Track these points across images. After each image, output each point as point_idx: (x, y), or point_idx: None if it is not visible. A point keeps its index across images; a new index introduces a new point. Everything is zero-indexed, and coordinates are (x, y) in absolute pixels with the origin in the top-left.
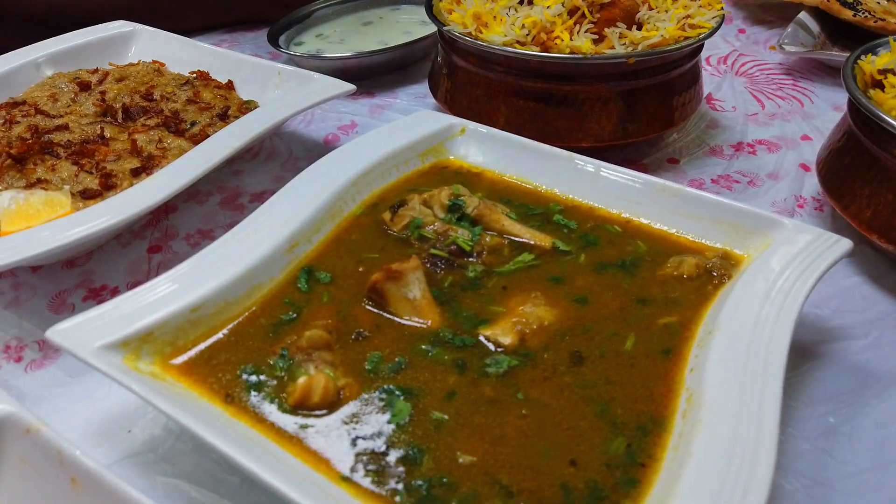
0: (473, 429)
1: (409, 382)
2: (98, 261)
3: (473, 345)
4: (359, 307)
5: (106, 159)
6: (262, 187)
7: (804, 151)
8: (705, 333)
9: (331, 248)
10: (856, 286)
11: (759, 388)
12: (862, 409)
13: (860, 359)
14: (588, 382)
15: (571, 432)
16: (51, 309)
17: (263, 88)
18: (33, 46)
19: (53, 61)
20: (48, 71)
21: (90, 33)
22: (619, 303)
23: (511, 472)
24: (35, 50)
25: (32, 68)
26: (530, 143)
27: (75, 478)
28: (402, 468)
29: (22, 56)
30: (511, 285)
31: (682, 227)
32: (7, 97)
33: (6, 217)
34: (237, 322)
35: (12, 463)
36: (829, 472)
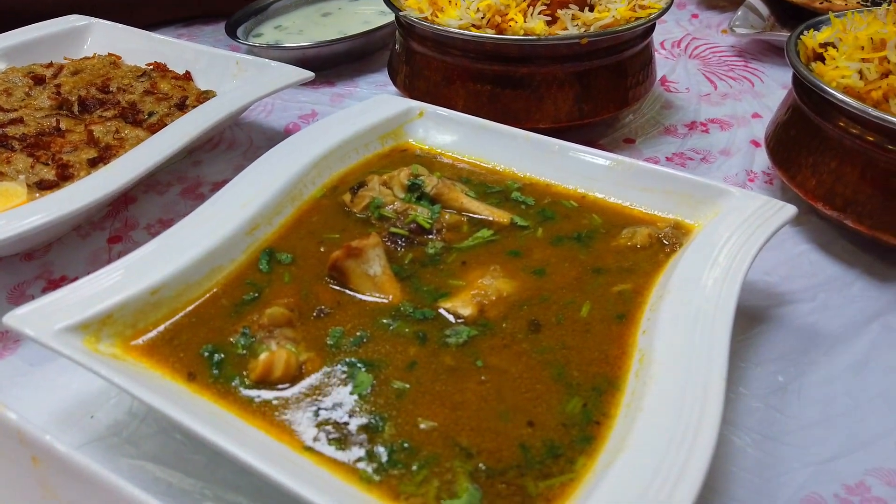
0: (434, 396)
1: (370, 355)
2: (57, 252)
3: (434, 317)
4: (320, 285)
5: (62, 151)
6: (223, 177)
7: (755, 128)
8: (657, 298)
9: (291, 230)
10: (804, 253)
11: (707, 344)
12: (809, 367)
13: (808, 321)
14: (545, 348)
15: (529, 395)
16: (10, 300)
17: (221, 78)
18: None
19: (6, 56)
20: (1, 66)
21: (43, 28)
22: (575, 273)
23: (471, 435)
24: None
25: None
26: (487, 124)
27: (36, 457)
28: (363, 436)
29: None
30: (470, 260)
31: (635, 200)
32: None
33: None
34: (198, 303)
35: None
36: (778, 426)
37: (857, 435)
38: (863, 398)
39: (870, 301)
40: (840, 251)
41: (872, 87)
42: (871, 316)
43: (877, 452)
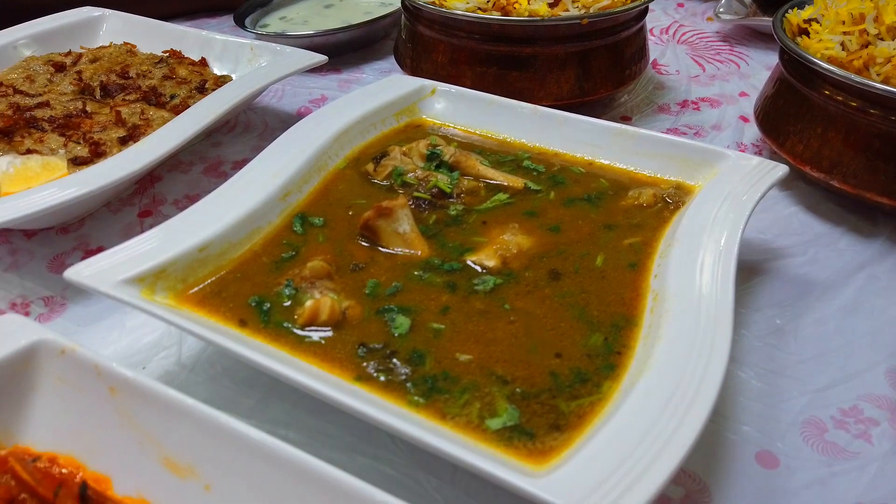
0: (468, 335)
1: (406, 302)
2: (91, 227)
3: (461, 269)
4: (353, 244)
5: (92, 130)
6: (242, 156)
7: (743, 106)
8: (665, 247)
9: (320, 196)
10: (793, 214)
11: (715, 282)
12: (803, 311)
13: (800, 272)
14: (566, 293)
15: (554, 332)
16: (51, 270)
17: (236, 64)
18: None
19: (24, 46)
20: (21, 54)
21: (59, 18)
22: (588, 229)
23: (505, 366)
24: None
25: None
26: (497, 99)
27: (113, 387)
28: (408, 368)
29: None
30: (490, 220)
31: (639, 165)
32: None
33: (6, 180)
34: (241, 261)
35: (49, 382)
36: (778, 362)
37: (848, 367)
38: (853, 336)
39: (856, 254)
40: (826, 211)
41: (854, 56)
42: (858, 266)
43: (867, 381)
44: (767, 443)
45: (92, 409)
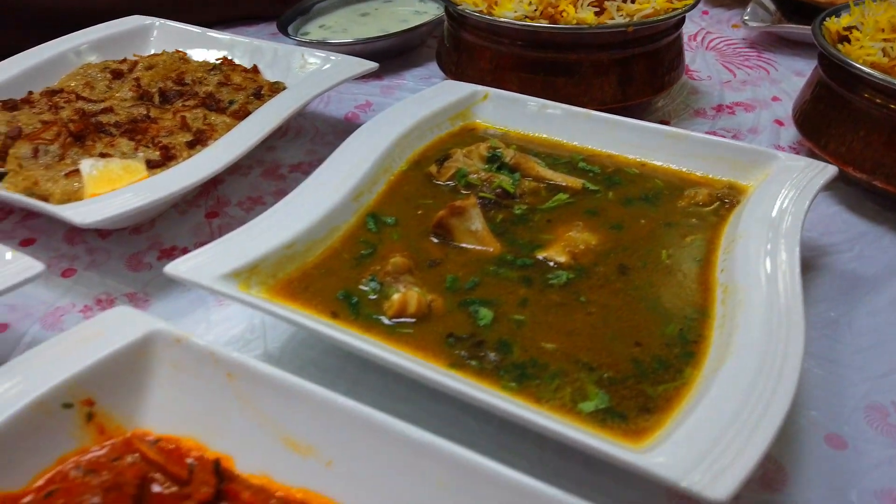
0: (549, 326)
1: (486, 295)
2: (161, 227)
3: (533, 264)
4: (426, 241)
5: (159, 135)
6: (298, 159)
7: (776, 110)
8: (728, 243)
9: (388, 197)
10: (837, 213)
11: (782, 272)
12: (856, 304)
13: (849, 267)
14: (636, 286)
15: (630, 323)
16: (129, 268)
17: (287, 71)
18: (56, 41)
19: (79, 54)
20: (81, 60)
21: (110, 27)
22: (648, 227)
23: (588, 354)
24: (59, 44)
25: (61, 59)
26: (548, 103)
27: (230, 373)
28: (497, 356)
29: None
30: (554, 219)
31: (692, 166)
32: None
33: (90, 182)
34: (323, 258)
35: (165, 369)
36: (836, 352)
37: None
38: None
39: None
40: (868, 211)
41: (895, 62)
42: None
43: None
44: (835, 426)
45: (209, 394)
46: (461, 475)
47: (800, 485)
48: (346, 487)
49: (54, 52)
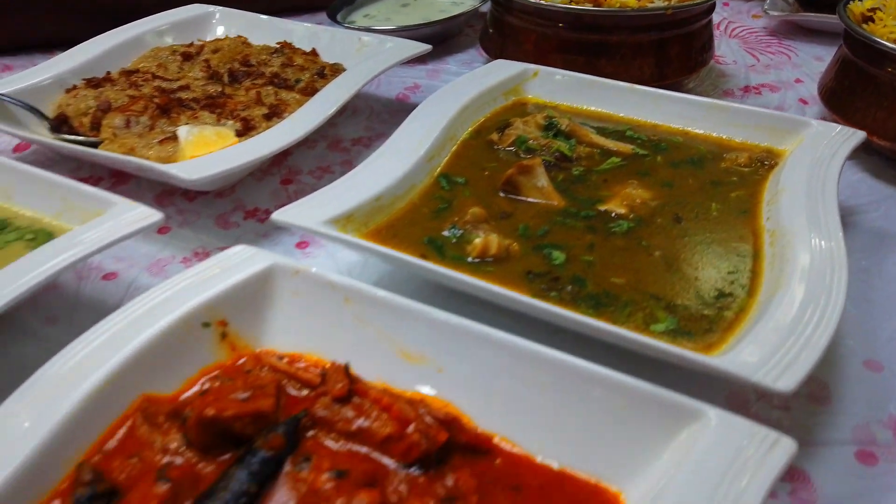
0: (616, 266)
1: (556, 241)
2: (241, 192)
3: (596, 215)
4: (496, 197)
5: (237, 109)
6: (359, 134)
7: (800, 90)
8: (771, 196)
9: (456, 161)
10: (862, 179)
11: (823, 220)
12: (884, 255)
13: (876, 224)
14: (691, 233)
15: (690, 262)
16: (218, 226)
17: (344, 54)
18: (127, 27)
19: (147, 39)
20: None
21: (175, 14)
22: (697, 185)
23: (654, 287)
24: (131, 29)
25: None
26: (595, 79)
27: (348, 297)
28: (573, 289)
29: (118, 35)
30: (610, 178)
31: (731, 133)
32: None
33: (188, 146)
34: (406, 211)
35: (286, 296)
36: (869, 294)
37: None
38: None
39: None
40: (891, 177)
41: None
42: None
43: None
44: (871, 353)
45: (328, 316)
46: (557, 374)
47: (843, 400)
48: (456, 390)
49: (127, 36)
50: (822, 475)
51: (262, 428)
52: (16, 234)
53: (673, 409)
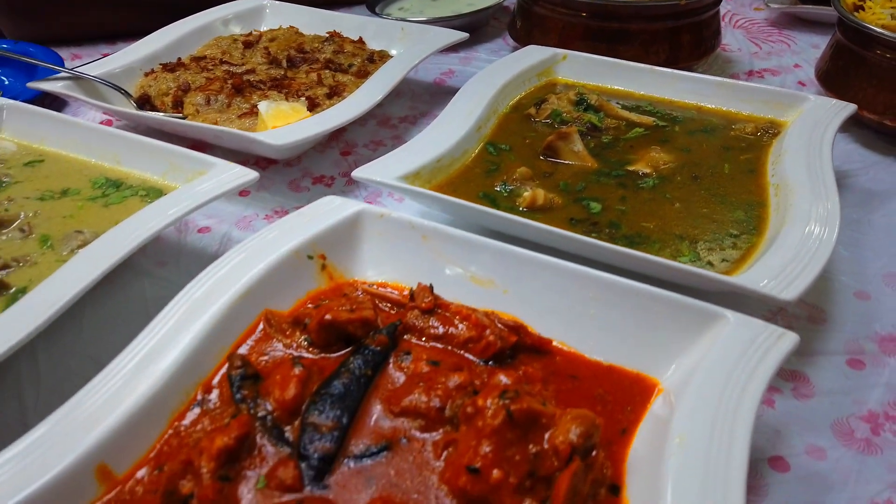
0: (645, 213)
1: (592, 194)
2: (307, 163)
3: (626, 174)
4: (538, 161)
5: (301, 89)
6: (405, 113)
7: (798, 74)
8: (775, 158)
9: (499, 131)
10: (854, 149)
11: (821, 174)
12: (873, 209)
13: (865, 185)
14: (708, 188)
15: (707, 210)
16: (291, 189)
17: (389, 42)
18: (189, 19)
19: (205, 31)
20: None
21: (231, 7)
22: (710, 150)
23: (678, 229)
24: (193, 21)
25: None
26: (618, 61)
27: (425, 235)
28: (610, 231)
29: (183, 26)
30: (635, 145)
31: (739, 107)
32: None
33: (268, 118)
34: (461, 171)
35: (373, 236)
36: (860, 240)
37: None
38: None
39: None
40: (879, 146)
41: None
42: None
43: None
44: (861, 286)
45: (408, 252)
46: (603, 290)
47: (837, 321)
48: (520, 306)
49: (195, 25)
50: (818, 376)
51: (368, 332)
52: (130, 191)
53: (698, 313)
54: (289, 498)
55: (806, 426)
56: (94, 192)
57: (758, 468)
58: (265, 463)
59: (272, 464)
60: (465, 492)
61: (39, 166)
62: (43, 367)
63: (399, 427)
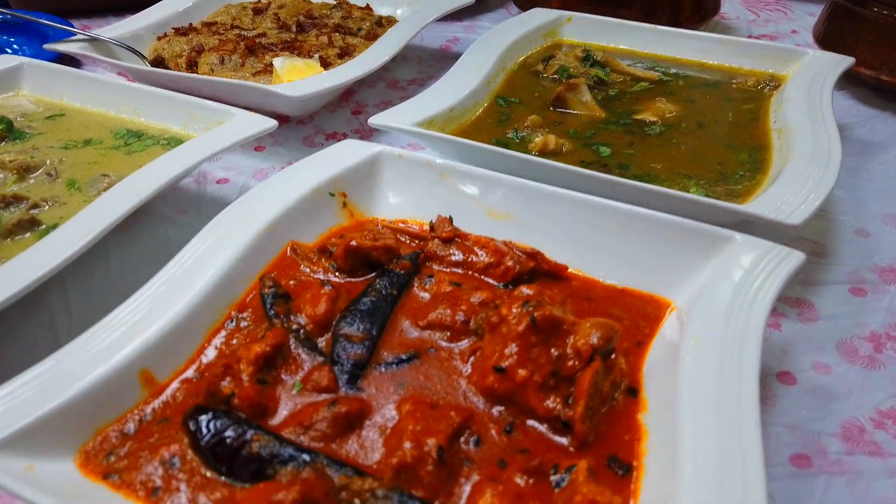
0: (653, 156)
1: (601, 140)
2: (319, 120)
3: (633, 123)
4: (547, 111)
5: (312, 50)
6: (412, 77)
7: (796, 39)
8: (777, 106)
9: (508, 87)
10: (851, 105)
11: (822, 118)
12: (869, 158)
13: (862, 137)
14: (713, 134)
15: (713, 153)
16: (305, 145)
17: (396, 8)
18: None
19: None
20: None
21: None
22: (714, 101)
23: (685, 169)
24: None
25: None
26: (622, 21)
27: (443, 173)
28: (620, 172)
29: None
30: (641, 97)
31: (741, 63)
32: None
33: (283, 73)
34: (473, 122)
35: (392, 176)
36: (857, 185)
37: None
38: None
39: None
40: (875, 101)
41: None
42: None
43: None
44: (860, 225)
45: (427, 189)
46: (618, 218)
47: (838, 256)
48: (536, 236)
49: None
50: (822, 303)
51: (391, 258)
52: (152, 140)
53: (708, 236)
54: (325, 398)
55: (811, 346)
56: (116, 141)
57: (766, 382)
58: (300, 370)
59: (307, 370)
60: (492, 390)
61: (61, 120)
62: (73, 304)
63: (426, 339)
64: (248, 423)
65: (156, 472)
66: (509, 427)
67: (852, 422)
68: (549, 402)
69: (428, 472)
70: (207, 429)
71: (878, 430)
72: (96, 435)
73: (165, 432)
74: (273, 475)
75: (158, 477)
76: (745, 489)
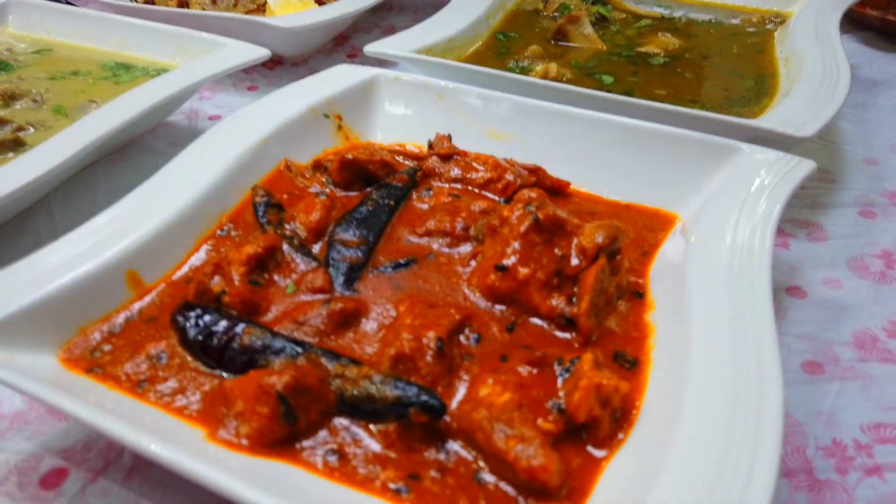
0: (658, 83)
1: (604, 70)
2: (314, 63)
3: (636, 55)
4: (547, 44)
5: None
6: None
7: None
8: (782, 38)
9: (506, 23)
10: (858, 48)
11: (830, 45)
12: (876, 94)
13: (868, 76)
14: (718, 64)
15: (718, 80)
16: None
17: None
18: None
19: None
20: None
21: None
22: (718, 35)
23: (691, 94)
24: None
25: None
26: None
27: (440, 94)
28: None
29: None
30: (643, 33)
31: (745, 1)
32: None
33: (277, 7)
34: (473, 52)
35: (388, 99)
36: (865, 118)
37: None
38: None
39: None
40: (880, 44)
41: None
42: None
43: None
44: (869, 154)
45: (424, 112)
46: (622, 133)
47: (844, 181)
48: (538, 154)
49: None
50: (832, 224)
51: (388, 173)
52: (141, 71)
53: (715, 148)
54: (319, 298)
55: (821, 263)
56: (104, 73)
57: (776, 296)
58: (293, 273)
59: (301, 273)
60: (493, 289)
61: (48, 54)
62: (61, 230)
63: (425, 245)
64: (239, 318)
65: (141, 367)
66: (511, 325)
67: (865, 331)
68: (552, 301)
69: (426, 364)
70: (196, 324)
71: (892, 339)
72: (80, 332)
73: (152, 331)
74: (265, 366)
75: (144, 371)
76: (759, 365)
